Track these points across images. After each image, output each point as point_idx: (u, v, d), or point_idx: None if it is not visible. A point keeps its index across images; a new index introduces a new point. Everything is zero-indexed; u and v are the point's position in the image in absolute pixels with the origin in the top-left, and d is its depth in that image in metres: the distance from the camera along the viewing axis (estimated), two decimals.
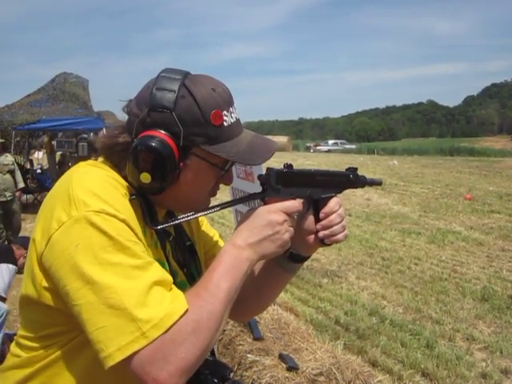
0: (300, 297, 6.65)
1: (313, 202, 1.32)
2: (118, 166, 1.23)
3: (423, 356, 4.93)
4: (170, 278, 1.12)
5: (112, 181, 1.16)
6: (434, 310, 6.22)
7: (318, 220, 1.32)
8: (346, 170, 1.42)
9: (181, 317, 1.03)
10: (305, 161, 30.43)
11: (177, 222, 1.25)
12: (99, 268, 1.02)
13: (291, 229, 1.22)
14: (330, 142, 61.11)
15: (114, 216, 1.06)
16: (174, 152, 1.16)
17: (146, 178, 1.15)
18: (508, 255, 8.79)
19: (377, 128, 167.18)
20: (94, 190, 1.09)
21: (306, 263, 1.35)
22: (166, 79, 1.19)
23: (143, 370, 1.00)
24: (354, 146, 56.10)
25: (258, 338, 3.29)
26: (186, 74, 1.22)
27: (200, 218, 1.53)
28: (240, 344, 3.30)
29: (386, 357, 4.94)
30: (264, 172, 1.27)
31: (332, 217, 1.31)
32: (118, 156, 1.22)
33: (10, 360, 1.22)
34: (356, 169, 1.41)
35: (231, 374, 1.30)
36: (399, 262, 8.36)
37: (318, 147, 54.41)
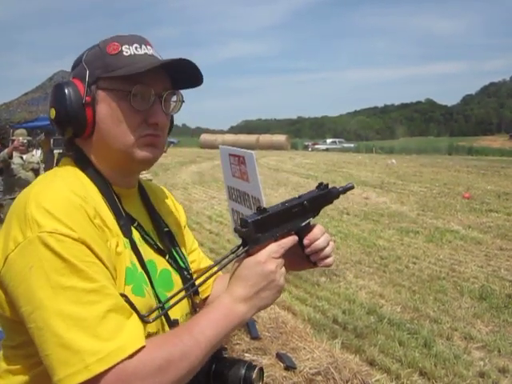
0: (298, 296, 6.64)
1: (294, 234, 1.29)
2: (78, 161, 1.26)
3: (421, 355, 4.92)
4: (126, 304, 1.08)
5: (70, 194, 1.11)
6: (432, 308, 6.20)
7: (302, 247, 1.30)
8: (317, 186, 1.39)
9: (132, 355, 1.00)
10: (303, 159, 30.45)
11: None
12: (51, 292, 1.00)
13: (284, 270, 1.21)
14: (329, 140, 61.09)
15: (68, 236, 1.04)
16: (77, 86, 1.22)
17: (52, 113, 1.23)
18: (506, 254, 8.77)
19: (375, 127, 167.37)
20: (48, 208, 1.05)
21: None
22: None
23: None
24: (352, 145, 56.07)
25: (255, 337, 3.27)
26: None
27: (182, 219, 1.54)
28: (237, 343, 3.29)
29: (384, 356, 4.92)
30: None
31: (319, 241, 1.30)
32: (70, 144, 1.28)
33: None
34: (327, 185, 1.39)
35: (224, 353, 1.28)
36: (397, 260, 8.34)
37: (316, 146, 54.41)
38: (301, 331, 3.44)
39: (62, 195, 1.10)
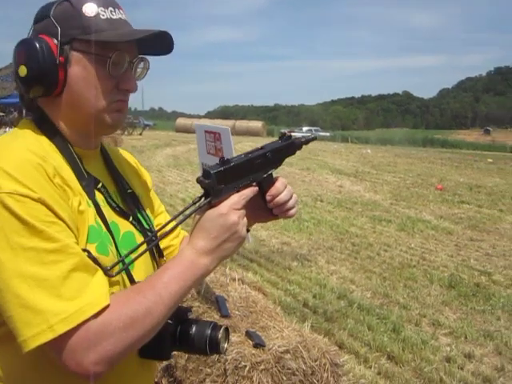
0: (269, 279, 6.65)
1: (256, 185, 1.28)
2: (38, 121, 1.22)
3: (389, 340, 4.97)
4: (90, 261, 1.07)
5: (28, 153, 1.09)
6: (402, 295, 6.27)
7: (264, 199, 1.30)
8: (280, 137, 1.40)
9: (96, 315, 1.01)
10: None
11: None
12: (11, 253, 0.98)
13: (246, 221, 1.20)
14: (305, 128, 61.08)
15: (27, 196, 1.01)
16: (49, 43, 1.15)
17: (22, 71, 1.16)
18: (476, 245, 8.92)
19: (351, 117, 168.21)
20: (5, 169, 1.03)
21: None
22: None
23: (66, 356, 0.99)
24: (327, 134, 56.29)
25: (225, 315, 3.26)
26: None
27: (148, 181, 1.52)
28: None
29: (353, 339, 4.96)
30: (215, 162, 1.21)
31: (283, 195, 1.30)
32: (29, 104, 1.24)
33: None
34: (290, 135, 1.39)
35: (189, 314, 1.28)
36: (369, 247, 8.42)
37: (292, 133, 54.31)
38: (271, 311, 3.43)
39: (20, 155, 1.08)
